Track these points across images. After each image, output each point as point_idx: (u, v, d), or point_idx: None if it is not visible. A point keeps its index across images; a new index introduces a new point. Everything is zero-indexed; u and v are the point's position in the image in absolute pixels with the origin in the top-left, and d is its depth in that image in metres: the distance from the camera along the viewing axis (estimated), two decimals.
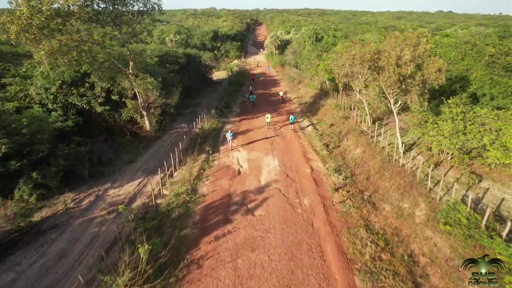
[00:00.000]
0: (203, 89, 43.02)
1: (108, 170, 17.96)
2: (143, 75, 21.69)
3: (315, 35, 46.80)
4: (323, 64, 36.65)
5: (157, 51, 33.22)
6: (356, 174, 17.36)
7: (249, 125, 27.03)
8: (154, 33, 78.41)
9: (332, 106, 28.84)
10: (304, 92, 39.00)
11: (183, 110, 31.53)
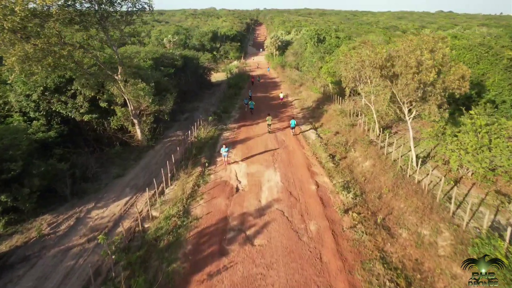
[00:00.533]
0: (201, 92, 41.30)
1: (93, 187, 16.24)
2: (134, 81, 19.98)
3: (317, 36, 45.07)
4: (326, 66, 34.93)
5: (152, 53, 31.50)
6: (367, 191, 15.65)
7: (248, 132, 25.30)
8: (152, 33, 76.72)
9: (337, 111, 27.11)
10: (306, 96, 37.28)
11: (179, 115, 29.81)
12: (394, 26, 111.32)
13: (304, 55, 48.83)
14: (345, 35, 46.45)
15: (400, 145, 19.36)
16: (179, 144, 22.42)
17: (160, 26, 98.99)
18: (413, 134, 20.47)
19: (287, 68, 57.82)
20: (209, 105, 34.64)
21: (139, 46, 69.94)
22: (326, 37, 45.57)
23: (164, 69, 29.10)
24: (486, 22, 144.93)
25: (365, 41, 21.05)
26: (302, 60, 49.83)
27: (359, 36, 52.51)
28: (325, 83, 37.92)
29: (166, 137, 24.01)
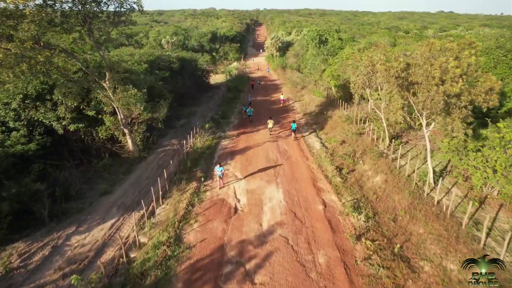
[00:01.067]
0: (199, 96, 39.64)
1: (77, 206, 14.60)
2: (123, 87, 18.32)
3: (319, 37, 43.40)
4: (329, 69, 33.31)
5: (147, 56, 29.84)
6: (380, 212, 14.01)
7: (248, 140, 23.65)
8: (150, 34, 75.05)
9: (342, 118, 25.46)
10: (308, 100, 35.63)
11: (175, 121, 28.15)
12: (395, 27, 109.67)
13: (305, 56, 47.20)
14: (348, 36, 44.82)
15: (412, 157, 17.79)
16: (173, 154, 20.80)
17: (159, 26, 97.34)
18: (424, 143, 18.95)
19: (288, 69, 56.18)
20: (207, 110, 32.98)
21: (137, 48, 68.53)
22: (328, 39, 43.93)
23: (159, 72, 27.46)
24: (488, 22, 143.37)
25: (377, 43, 19.36)
26: (303, 62, 48.20)
27: (363, 37, 50.88)
28: (328, 86, 36.32)
29: (160, 147, 22.36)
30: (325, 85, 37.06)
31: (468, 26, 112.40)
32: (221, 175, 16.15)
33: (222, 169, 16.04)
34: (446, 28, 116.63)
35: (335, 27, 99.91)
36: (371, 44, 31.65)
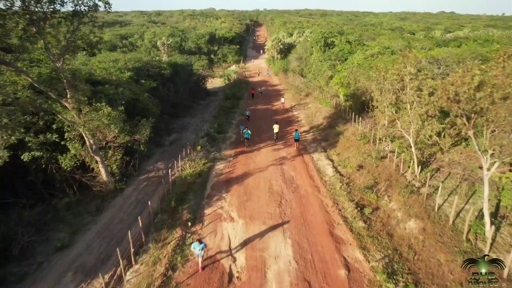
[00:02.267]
0: (194, 105, 35.98)
1: (19, 271, 10.95)
2: (93, 106, 14.68)
3: (324, 39, 39.77)
4: (338, 76, 29.68)
5: (133, 62, 26.17)
6: (423, 281, 10.38)
7: (247, 163, 20.01)
8: (145, 36, 71.38)
9: (357, 136, 21.81)
10: (314, 109, 32.00)
11: (164, 138, 24.50)
12: (399, 28, 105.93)
13: (309, 60, 43.56)
14: (355, 38, 41.16)
15: (451, 191, 14.22)
16: (158, 183, 17.17)
17: (156, 27, 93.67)
18: (462, 170, 15.35)
19: (290, 73, 52.55)
20: (202, 122, 29.33)
21: (132, 50, 64.88)
22: (334, 41, 40.29)
23: (145, 82, 23.79)
24: (492, 23, 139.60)
25: (405, 53, 15.70)
26: (307, 66, 44.57)
27: (371, 39, 47.21)
28: (334, 94, 32.72)
29: (142, 173, 18.69)
30: (331, 91, 33.47)
31: (472, 27, 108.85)
32: (201, 254, 10.71)
33: (202, 246, 10.63)
34: (450, 28, 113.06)
35: (338, 28, 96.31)
36: (386, 48, 28.06)
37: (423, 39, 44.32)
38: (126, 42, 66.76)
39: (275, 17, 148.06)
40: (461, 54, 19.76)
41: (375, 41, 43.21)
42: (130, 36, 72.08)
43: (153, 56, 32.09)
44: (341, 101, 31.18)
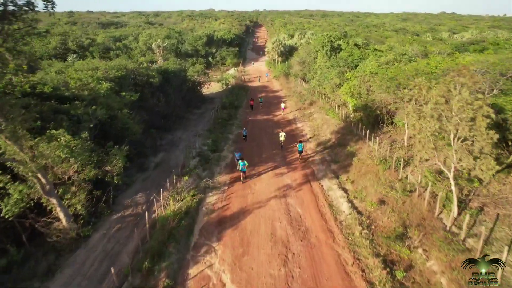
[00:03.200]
0: (187, 115, 32.62)
1: None
2: (48, 134, 11.31)
3: (330, 43, 36.39)
4: (347, 85, 26.27)
5: (115, 70, 22.74)
6: None
7: (245, 195, 16.60)
8: (140, 38, 68.00)
9: (374, 159, 18.40)
10: (320, 121, 28.60)
11: (149, 160, 21.09)
12: (402, 29, 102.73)
13: (313, 65, 40.16)
14: (362, 41, 37.76)
15: (509, 245, 10.87)
16: (134, 225, 13.79)
17: (152, 28, 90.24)
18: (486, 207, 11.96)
19: (292, 77, 49.18)
20: (195, 136, 25.96)
21: (125, 52, 61.48)
22: (341, 45, 36.92)
23: (125, 94, 20.37)
24: (495, 23, 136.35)
25: (461, 69, 12.26)
26: (310, 71, 41.19)
27: (380, 43, 43.82)
28: (341, 102, 29.37)
29: (117, 209, 15.28)
30: (337, 100, 30.10)
31: (476, 28, 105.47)
32: None
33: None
34: (455, 30, 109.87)
35: (339, 29, 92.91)
36: (402, 55, 24.68)
37: (437, 42, 40.89)
38: (119, 44, 63.32)
39: (275, 18, 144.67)
40: (500, 63, 16.33)
41: (384, 44, 39.80)
42: (124, 38, 68.68)
43: (141, 62, 28.64)
44: (349, 112, 27.85)
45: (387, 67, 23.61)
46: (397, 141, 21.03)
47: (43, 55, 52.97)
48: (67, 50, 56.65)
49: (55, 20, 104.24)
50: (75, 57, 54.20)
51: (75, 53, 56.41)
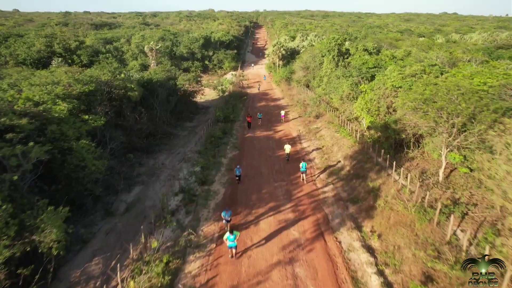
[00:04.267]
0: (176, 130, 28.28)
1: None
2: None
3: (338, 47, 32.01)
4: (362, 99, 21.92)
5: (81, 85, 18.25)
6: None
7: (238, 264, 12.25)
8: (133, 40, 63.57)
9: (407, 204, 14.01)
10: (330, 140, 24.28)
11: (119, 198, 16.70)
12: (408, 30, 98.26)
13: (319, 72, 35.80)
14: (373, 46, 33.37)
15: None
16: None
17: (147, 30, 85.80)
18: None
19: (294, 83, 44.86)
20: (181, 160, 21.66)
21: (117, 56, 57.10)
22: (349, 49, 32.59)
23: (89, 118, 15.94)
24: (500, 24, 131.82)
25: None
26: (315, 78, 36.84)
27: (393, 47, 39.40)
28: (351, 115, 25.12)
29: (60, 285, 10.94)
30: (347, 113, 25.84)
31: (481, 29, 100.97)
32: None
33: None
34: (461, 31, 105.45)
35: (342, 30, 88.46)
36: (431, 66, 20.30)
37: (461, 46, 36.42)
38: (110, 47, 58.89)
39: (275, 18, 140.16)
40: None
41: (397, 48, 35.41)
42: (116, 40, 64.26)
43: (119, 71, 24.21)
44: (363, 128, 23.55)
45: (413, 79, 19.26)
46: (427, 172, 16.81)
47: (25, 59, 48.85)
48: (53, 54, 52.26)
49: (47, 20, 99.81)
50: (60, 61, 50.02)
51: (61, 57, 52.15)
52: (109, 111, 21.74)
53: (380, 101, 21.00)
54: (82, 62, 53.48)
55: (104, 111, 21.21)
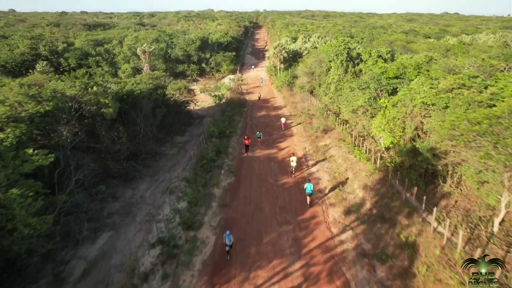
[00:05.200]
0: (164, 147, 24.39)
1: None
2: None
3: (347, 51, 28.09)
4: (382, 117, 18.01)
5: (34, 104, 14.28)
6: None
7: None
8: (125, 41, 59.60)
9: (464, 281, 10.14)
10: (342, 163, 20.40)
11: (79, 251, 12.80)
12: (413, 30, 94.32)
13: (326, 79, 31.87)
14: (387, 50, 29.39)
15: None
16: None
17: (143, 30, 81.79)
18: None
19: (297, 89, 40.95)
20: (164, 192, 17.79)
21: (107, 58, 53.15)
22: (360, 54, 28.69)
23: (34, 153, 12.01)
24: (505, 24, 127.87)
25: None
26: (322, 86, 32.92)
27: (407, 50, 35.48)
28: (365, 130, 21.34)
29: None
30: (359, 127, 22.06)
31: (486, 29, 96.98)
32: None
33: None
34: (467, 31, 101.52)
35: (345, 30, 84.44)
36: (472, 77, 16.37)
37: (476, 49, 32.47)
38: (100, 49, 54.90)
39: (276, 18, 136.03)
40: None
41: (413, 53, 31.51)
42: (108, 42, 60.21)
43: (94, 83, 20.25)
44: (380, 147, 19.76)
45: (449, 96, 15.36)
46: (472, 214, 13.01)
47: (7, 62, 44.95)
48: (38, 57, 48.31)
49: (40, 21, 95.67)
50: (46, 64, 46.11)
51: (47, 60, 48.19)
52: (79, 132, 17.85)
53: (406, 120, 17.15)
54: (69, 65, 49.60)
55: (73, 132, 17.36)
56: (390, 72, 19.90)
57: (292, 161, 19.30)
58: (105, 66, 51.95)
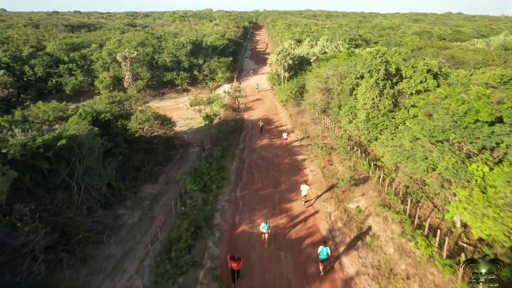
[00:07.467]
0: (119, 211, 16.15)
1: None
2: None
3: (385, 65, 19.76)
4: (484, 199, 9.81)
5: None
6: None
7: None
8: (107, 45, 51.06)
9: None
10: (396, 259, 12.14)
11: None
12: (426, 32, 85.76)
13: (350, 101, 23.56)
14: (435, 65, 21.09)
15: None
16: None
17: (131, 32, 73.20)
18: None
19: (306, 107, 32.74)
20: None
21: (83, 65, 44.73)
22: (401, 69, 20.40)
23: None
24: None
25: None
26: (344, 108, 24.62)
27: (453, 62, 27.12)
28: (418, 186, 13.15)
29: None
30: (404, 179, 13.92)
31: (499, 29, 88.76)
32: None
33: None
34: (482, 32, 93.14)
35: (352, 32, 75.98)
36: None
37: None
38: (75, 54, 46.41)
39: (276, 18, 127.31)
40: None
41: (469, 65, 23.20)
42: (86, 46, 51.62)
43: None
44: (455, 231, 11.60)
45: None
46: None
47: None
48: None
49: (21, 20, 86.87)
50: (3, 74, 37.84)
51: (6, 68, 39.80)
52: None
53: None
54: (35, 74, 41.25)
55: None
56: (483, 114, 11.47)
57: (303, 190, 16.26)
58: (79, 75, 43.66)
